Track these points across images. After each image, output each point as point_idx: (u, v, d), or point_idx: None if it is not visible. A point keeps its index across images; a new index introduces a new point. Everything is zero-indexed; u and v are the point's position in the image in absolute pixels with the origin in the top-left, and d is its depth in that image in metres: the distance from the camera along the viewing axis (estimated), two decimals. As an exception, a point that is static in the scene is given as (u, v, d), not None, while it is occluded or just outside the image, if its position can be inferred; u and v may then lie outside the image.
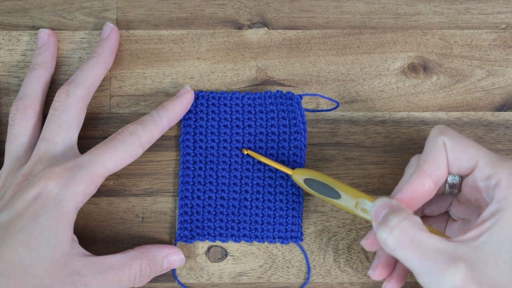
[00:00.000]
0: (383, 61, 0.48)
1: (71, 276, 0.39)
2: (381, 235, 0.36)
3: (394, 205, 0.38)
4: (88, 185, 0.41)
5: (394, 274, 0.42)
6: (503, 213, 0.36)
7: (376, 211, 0.38)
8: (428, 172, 0.38)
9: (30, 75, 0.46)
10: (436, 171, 0.38)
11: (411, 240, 0.35)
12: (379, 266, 0.42)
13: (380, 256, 0.42)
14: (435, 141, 0.39)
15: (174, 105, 0.45)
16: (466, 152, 0.38)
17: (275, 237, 0.46)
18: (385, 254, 0.42)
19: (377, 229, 0.37)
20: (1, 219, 0.39)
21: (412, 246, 0.35)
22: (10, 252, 0.38)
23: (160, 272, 0.44)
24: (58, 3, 0.49)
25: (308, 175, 0.43)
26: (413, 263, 0.35)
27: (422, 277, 0.35)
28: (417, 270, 0.35)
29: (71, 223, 0.40)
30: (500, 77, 0.48)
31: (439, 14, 0.49)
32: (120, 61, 0.48)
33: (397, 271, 0.42)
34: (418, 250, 0.35)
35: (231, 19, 0.49)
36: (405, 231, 0.36)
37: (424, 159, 0.39)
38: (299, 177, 0.43)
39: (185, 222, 0.46)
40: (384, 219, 0.37)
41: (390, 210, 0.37)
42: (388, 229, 0.36)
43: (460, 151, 0.38)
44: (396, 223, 0.36)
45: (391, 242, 0.36)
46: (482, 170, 0.38)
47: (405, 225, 0.36)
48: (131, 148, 0.42)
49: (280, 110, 0.46)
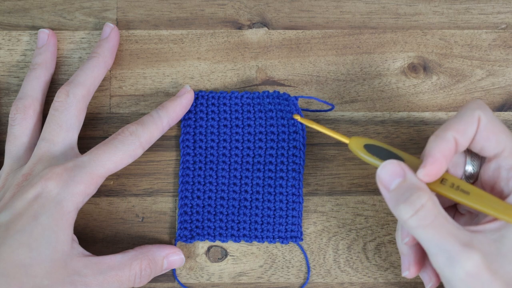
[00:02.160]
0: (383, 61, 0.48)
1: (71, 276, 0.39)
2: (404, 214, 0.36)
3: (409, 177, 0.37)
4: (88, 185, 0.41)
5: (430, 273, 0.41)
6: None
7: (386, 177, 0.37)
8: (455, 136, 0.37)
9: (30, 75, 0.46)
10: (460, 139, 0.37)
11: (432, 221, 0.35)
12: (411, 264, 0.41)
13: (408, 255, 0.41)
14: (472, 113, 0.38)
15: (174, 105, 0.45)
16: (496, 135, 0.37)
17: (275, 237, 0.46)
18: (413, 251, 0.41)
19: (397, 205, 0.36)
20: (1, 219, 0.39)
21: (433, 227, 0.35)
22: (10, 252, 0.38)
23: (160, 272, 0.44)
24: (58, 3, 0.49)
25: (367, 142, 0.40)
26: (431, 243, 0.35)
27: (437, 258, 0.35)
28: (433, 250, 0.35)
29: (71, 223, 0.40)
30: (500, 77, 0.48)
31: (439, 14, 0.49)
32: (120, 61, 0.48)
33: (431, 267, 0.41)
34: (437, 232, 0.35)
35: (231, 19, 0.49)
36: (428, 212, 0.35)
37: (452, 124, 0.38)
38: (357, 143, 0.40)
39: (185, 222, 0.46)
40: (406, 196, 0.36)
41: (407, 184, 0.36)
42: (412, 210, 0.35)
43: (492, 133, 0.37)
44: (422, 205, 0.35)
45: (413, 222, 0.35)
46: (507, 159, 0.37)
47: (428, 207, 0.35)
48: (131, 148, 0.42)
49: (278, 110, 0.46)
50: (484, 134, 0.38)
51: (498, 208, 0.36)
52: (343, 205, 0.47)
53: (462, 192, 0.37)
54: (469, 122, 0.38)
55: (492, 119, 0.38)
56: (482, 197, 0.37)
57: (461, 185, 0.38)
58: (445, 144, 0.37)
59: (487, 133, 0.38)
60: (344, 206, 0.47)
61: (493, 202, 0.37)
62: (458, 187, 0.38)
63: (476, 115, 0.38)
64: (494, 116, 0.38)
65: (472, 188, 0.38)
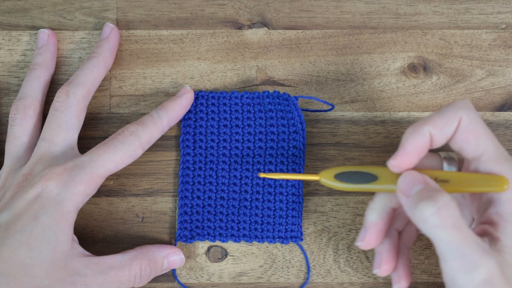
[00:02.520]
0: (383, 61, 0.48)
1: (71, 276, 0.39)
2: (425, 211, 0.35)
3: (430, 182, 0.37)
4: (88, 185, 0.41)
5: (401, 272, 0.41)
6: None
7: (408, 184, 0.37)
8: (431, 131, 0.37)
9: (30, 75, 0.46)
10: (436, 135, 0.37)
11: (454, 223, 0.34)
12: (383, 262, 0.41)
13: (381, 252, 0.41)
14: (454, 112, 0.37)
15: (174, 105, 0.45)
16: (477, 138, 0.37)
17: (275, 237, 0.46)
18: (386, 249, 0.41)
19: (418, 202, 0.35)
20: (1, 219, 0.39)
21: (454, 229, 0.34)
22: (10, 252, 0.38)
23: (160, 272, 0.44)
24: (58, 3, 0.49)
25: (336, 171, 0.41)
26: (450, 246, 0.34)
27: (453, 263, 0.34)
28: (452, 254, 0.34)
29: (71, 223, 0.40)
30: (500, 77, 0.48)
31: (439, 14, 0.49)
32: (120, 61, 0.48)
33: (402, 268, 0.41)
34: (459, 234, 0.34)
35: (231, 19, 0.49)
36: (451, 212, 0.34)
37: (431, 119, 0.38)
38: (328, 176, 0.41)
39: (185, 222, 0.46)
40: (429, 195, 0.35)
41: (428, 187, 0.36)
42: (435, 206, 0.35)
43: (472, 135, 0.37)
44: (445, 203, 0.35)
45: (435, 220, 0.34)
46: (485, 164, 0.37)
47: (452, 206, 0.35)
48: (131, 148, 0.42)
49: (278, 110, 0.46)
50: (464, 135, 0.37)
51: (479, 183, 0.37)
52: (343, 205, 0.47)
53: (441, 182, 0.38)
54: (449, 120, 0.37)
55: (475, 121, 0.37)
56: (462, 180, 0.37)
57: (438, 175, 0.38)
58: (419, 137, 0.37)
59: (467, 135, 0.37)
60: (344, 206, 0.47)
61: (473, 179, 0.37)
62: (436, 178, 0.38)
63: (458, 115, 0.37)
64: (478, 118, 0.38)
65: (450, 174, 0.38)
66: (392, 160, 0.38)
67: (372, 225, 0.40)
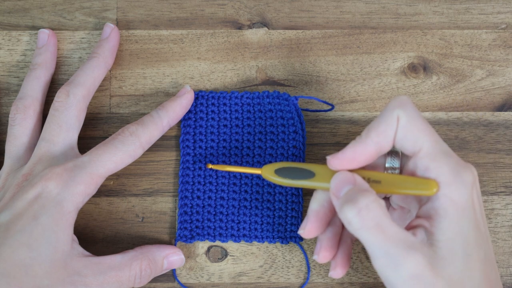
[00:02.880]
0: (383, 61, 0.48)
1: (71, 276, 0.39)
2: (347, 214, 0.36)
3: (359, 182, 0.37)
4: (88, 185, 0.41)
5: (338, 260, 0.42)
6: (447, 211, 0.36)
7: (338, 185, 0.38)
8: (374, 139, 0.38)
9: (30, 75, 0.46)
10: (382, 142, 0.38)
11: (376, 223, 0.35)
12: (322, 249, 0.41)
13: (322, 240, 0.41)
14: (391, 112, 0.38)
15: (174, 105, 0.45)
16: (414, 135, 0.37)
17: (275, 237, 0.46)
18: (326, 237, 0.41)
19: (342, 205, 0.36)
20: (1, 219, 0.39)
21: (377, 229, 0.35)
22: (10, 252, 0.38)
23: (160, 272, 0.44)
24: (58, 3, 0.49)
25: (277, 166, 0.42)
26: (374, 246, 0.35)
27: (380, 261, 0.35)
28: (377, 253, 0.35)
29: (71, 223, 0.40)
30: (500, 77, 0.48)
31: (439, 14, 0.49)
32: (120, 61, 0.48)
33: (341, 256, 0.42)
34: (381, 234, 0.35)
35: (231, 19, 0.49)
36: (372, 213, 0.35)
37: (374, 126, 0.38)
38: (268, 171, 0.42)
39: (185, 222, 0.46)
40: (351, 197, 0.36)
41: (355, 188, 0.37)
42: (356, 209, 0.35)
43: (409, 132, 0.37)
44: (365, 204, 0.35)
45: (357, 222, 0.35)
46: (422, 160, 0.37)
47: (372, 208, 0.35)
48: (131, 148, 0.42)
49: (278, 110, 0.46)
50: (402, 133, 0.38)
51: (409, 186, 0.37)
52: (343, 205, 0.47)
53: (373, 182, 0.38)
54: (388, 123, 0.38)
55: (412, 118, 0.37)
56: (393, 182, 0.38)
57: (371, 176, 0.39)
58: (361, 147, 0.38)
59: (405, 132, 0.37)
60: (344, 206, 0.47)
61: (404, 181, 0.38)
62: (369, 179, 0.38)
63: (395, 115, 0.38)
64: (416, 113, 0.38)
65: (382, 176, 0.39)
66: (330, 157, 0.39)
67: (313, 213, 0.41)
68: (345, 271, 0.42)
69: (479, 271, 0.36)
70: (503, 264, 0.46)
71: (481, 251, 0.36)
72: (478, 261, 0.36)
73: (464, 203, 0.36)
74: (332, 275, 0.42)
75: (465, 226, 0.36)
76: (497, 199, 0.47)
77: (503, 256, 0.46)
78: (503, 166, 0.47)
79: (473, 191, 0.37)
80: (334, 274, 0.42)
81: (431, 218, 0.37)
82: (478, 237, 0.36)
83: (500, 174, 0.47)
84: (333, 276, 0.42)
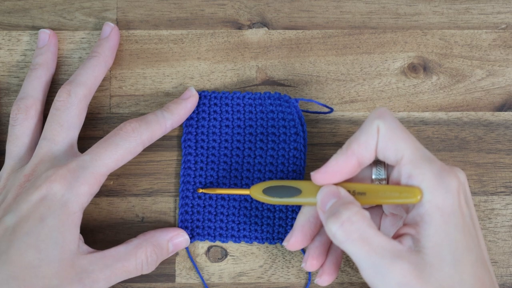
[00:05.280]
0: (383, 61, 0.48)
1: (78, 274, 0.39)
2: (331, 228, 0.36)
3: (343, 195, 0.38)
4: (92, 185, 0.41)
5: (326, 268, 0.42)
6: (432, 217, 0.36)
7: (323, 199, 0.38)
8: (356, 151, 0.38)
9: (31, 75, 0.46)
10: (363, 153, 0.38)
11: (360, 235, 0.35)
12: (309, 258, 0.42)
13: (310, 248, 0.42)
14: (371, 123, 0.38)
15: (179, 108, 0.45)
16: (395, 144, 0.38)
17: (275, 238, 0.46)
18: (315, 246, 0.42)
19: (326, 220, 0.37)
20: (7, 222, 0.39)
21: (361, 241, 0.35)
22: (18, 254, 0.38)
23: (167, 256, 0.44)
24: (58, 3, 0.49)
25: (265, 185, 0.43)
26: (360, 257, 0.36)
27: (367, 272, 0.36)
28: (363, 264, 0.36)
29: (77, 223, 0.40)
30: (500, 77, 0.48)
31: (439, 14, 0.49)
32: (120, 61, 0.48)
33: (328, 265, 0.43)
34: (366, 245, 0.35)
35: (231, 19, 0.49)
36: (355, 226, 0.36)
37: (355, 137, 0.39)
38: (257, 191, 0.43)
39: (185, 222, 0.46)
40: (334, 211, 0.36)
41: (339, 201, 0.37)
42: (338, 222, 0.36)
43: (390, 141, 0.38)
44: (347, 217, 0.36)
45: (340, 235, 0.36)
46: (404, 168, 0.37)
47: (355, 220, 0.36)
48: (132, 145, 0.42)
49: (279, 111, 0.46)
50: (383, 143, 0.38)
51: (393, 195, 0.38)
52: (343, 205, 0.47)
53: (359, 195, 0.39)
54: (369, 134, 0.38)
55: (392, 127, 0.38)
56: (378, 192, 0.38)
57: (356, 188, 0.39)
58: (343, 159, 0.38)
59: (385, 142, 0.38)
60: (344, 206, 0.47)
61: (388, 191, 0.38)
62: (354, 191, 0.39)
63: (375, 126, 0.38)
64: (395, 123, 0.38)
65: (367, 187, 0.39)
66: (313, 173, 0.39)
67: (299, 227, 0.41)
68: (331, 279, 0.42)
69: (470, 275, 0.36)
70: (503, 264, 0.46)
71: (472, 255, 0.36)
72: (469, 265, 0.36)
73: (450, 208, 0.36)
74: (318, 282, 0.43)
75: (452, 231, 0.36)
76: (497, 199, 0.47)
77: (503, 256, 0.46)
78: (503, 166, 0.47)
79: (460, 195, 0.37)
80: (320, 281, 0.43)
81: (417, 225, 0.36)
82: (468, 241, 0.36)
83: (500, 174, 0.47)
84: (319, 283, 0.43)
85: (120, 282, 0.44)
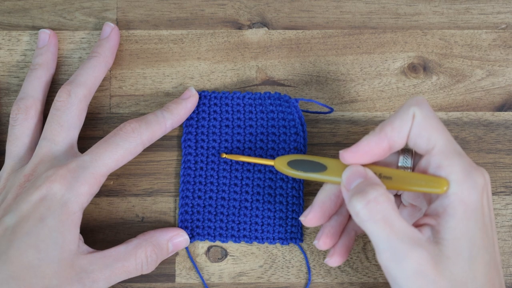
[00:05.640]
0: (383, 61, 0.48)
1: (78, 274, 0.39)
2: (355, 205, 0.36)
3: (370, 176, 0.38)
4: (92, 185, 0.41)
5: (337, 249, 0.42)
6: (455, 210, 0.36)
7: (349, 178, 0.38)
8: (388, 135, 0.38)
9: (31, 75, 0.46)
10: (395, 138, 0.38)
11: (383, 216, 0.35)
12: (323, 235, 0.42)
13: (326, 227, 0.42)
14: (407, 109, 0.38)
15: (179, 108, 0.45)
16: (428, 133, 0.38)
17: (275, 238, 0.46)
18: (330, 225, 0.42)
19: (351, 197, 0.36)
20: (7, 222, 0.39)
21: (383, 222, 0.35)
22: (18, 254, 0.38)
23: (167, 256, 0.44)
24: (58, 3, 0.49)
25: (290, 158, 0.42)
26: (379, 239, 0.35)
27: (384, 255, 0.35)
28: (381, 246, 0.35)
29: (77, 223, 0.40)
30: (500, 77, 0.48)
31: (439, 14, 0.49)
32: (120, 61, 0.48)
33: (340, 246, 0.42)
34: (388, 227, 0.35)
35: (231, 19, 0.49)
36: (380, 207, 0.36)
37: (390, 121, 0.38)
38: (281, 162, 0.42)
39: (185, 222, 0.46)
40: (361, 189, 0.36)
41: (365, 181, 0.37)
42: (365, 200, 0.36)
43: (424, 129, 0.38)
44: (374, 197, 0.36)
45: (364, 214, 0.36)
46: (434, 158, 0.37)
47: (381, 200, 0.36)
48: (132, 146, 0.42)
49: (279, 111, 0.46)
50: (416, 130, 0.38)
51: (420, 183, 0.37)
52: (343, 205, 0.47)
53: (385, 178, 0.39)
54: (404, 119, 0.38)
55: (428, 116, 0.38)
56: (404, 178, 0.38)
57: (383, 172, 0.39)
58: (375, 140, 0.38)
59: (419, 130, 0.38)
60: (344, 206, 0.47)
61: (415, 179, 0.38)
62: (380, 174, 0.39)
63: (411, 112, 0.38)
64: (431, 113, 0.38)
65: (393, 172, 0.39)
66: (342, 151, 0.39)
67: (319, 203, 0.41)
68: (342, 261, 0.42)
69: (483, 274, 0.36)
70: (503, 264, 0.46)
71: (487, 254, 0.36)
72: (483, 264, 0.36)
73: (474, 204, 0.36)
74: (328, 262, 0.42)
75: (472, 227, 0.36)
76: (497, 199, 0.47)
77: (503, 256, 0.46)
78: (503, 166, 0.47)
79: (483, 194, 0.37)
80: (330, 262, 0.42)
81: (439, 216, 0.37)
82: (484, 240, 0.36)
83: (500, 174, 0.47)
84: (329, 263, 0.42)
85: (120, 282, 0.45)
